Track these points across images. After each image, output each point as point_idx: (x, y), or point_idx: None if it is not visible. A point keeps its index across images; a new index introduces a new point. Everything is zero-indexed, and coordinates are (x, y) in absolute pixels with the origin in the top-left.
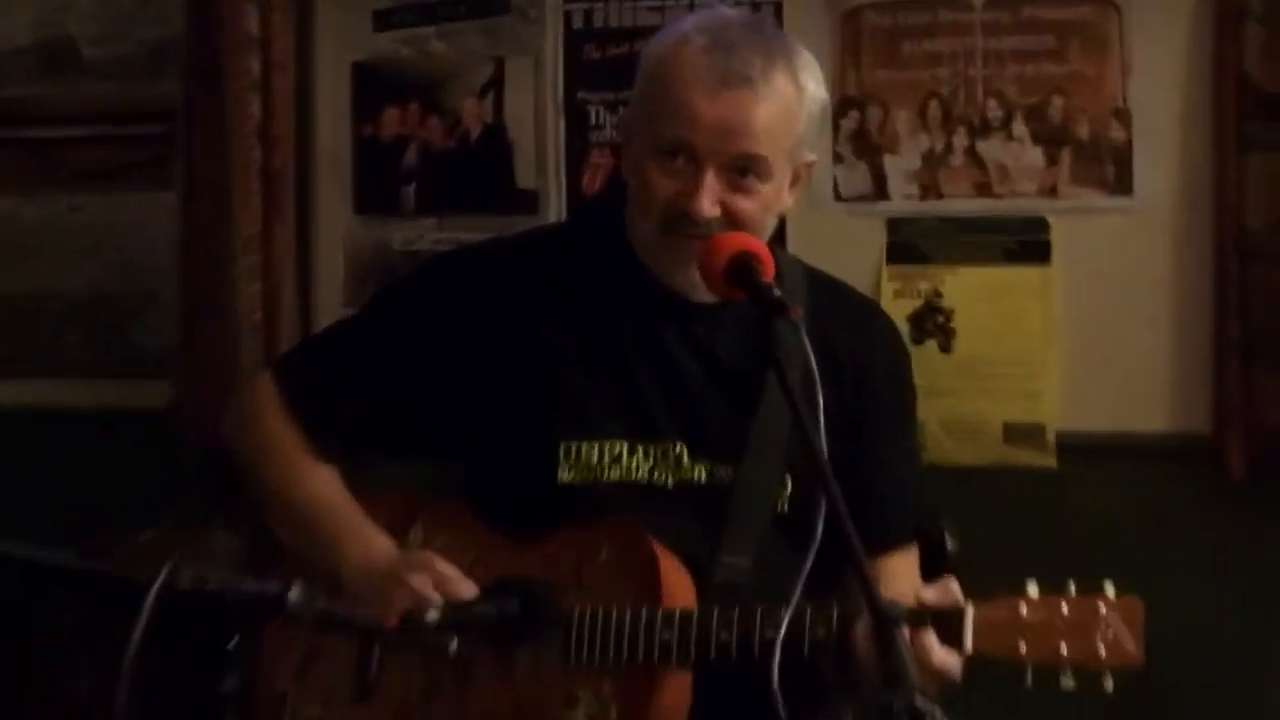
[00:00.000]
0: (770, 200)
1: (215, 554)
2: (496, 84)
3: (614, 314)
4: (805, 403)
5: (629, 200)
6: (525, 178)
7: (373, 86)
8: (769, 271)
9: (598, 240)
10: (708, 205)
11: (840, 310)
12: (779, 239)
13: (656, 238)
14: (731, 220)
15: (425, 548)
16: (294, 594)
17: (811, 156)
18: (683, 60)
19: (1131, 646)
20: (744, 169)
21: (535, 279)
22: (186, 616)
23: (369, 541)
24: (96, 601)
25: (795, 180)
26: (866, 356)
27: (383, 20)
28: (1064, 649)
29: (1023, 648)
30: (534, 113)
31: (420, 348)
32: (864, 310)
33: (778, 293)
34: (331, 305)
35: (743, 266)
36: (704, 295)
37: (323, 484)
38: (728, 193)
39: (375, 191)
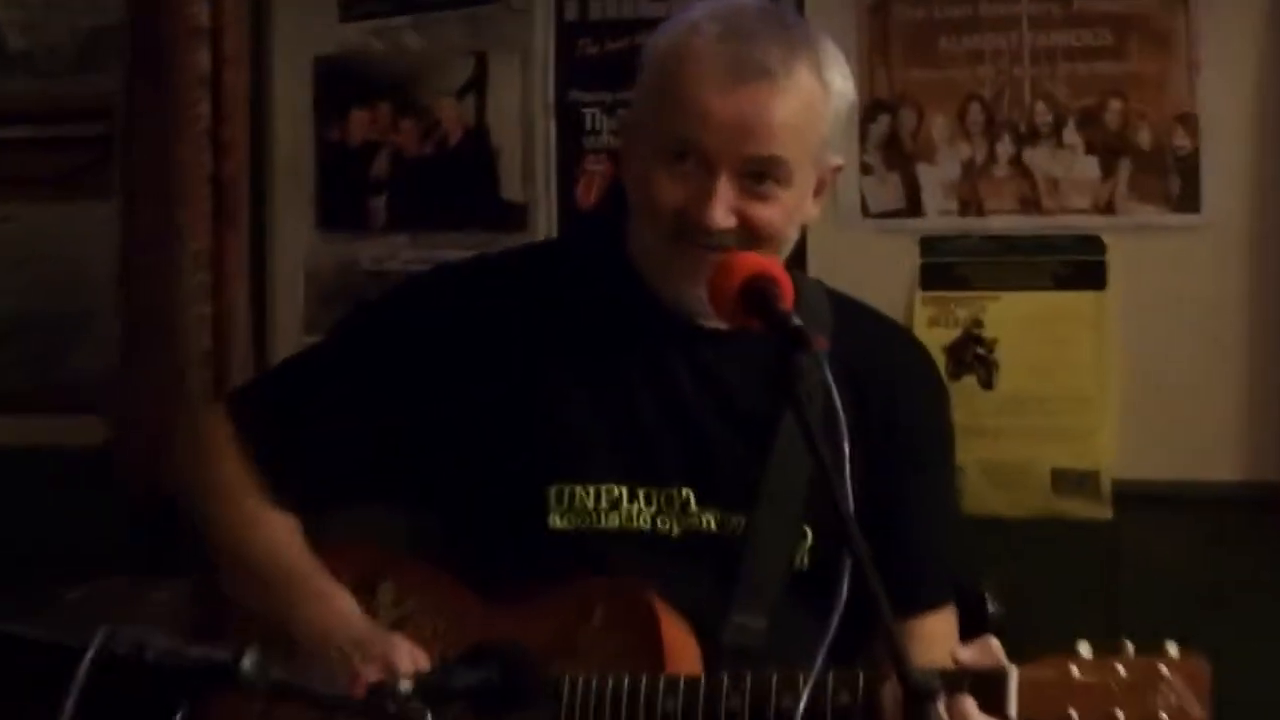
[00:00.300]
0: (792, 208)
1: (157, 613)
2: (479, 82)
3: (613, 341)
4: (827, 446)
5: (630, 210)
6: (511, 189)
7: (338, 84)
8: (788, 296)
9: (594, 257)
10: (721, 214)
11: (868, 340)
12: (798, 260)
13: (662, 248)
14: (749, 231)
15: (395, 609)
16: (246, 662)
17: (838, 160)
18: (692, 51)
19: (1196, 712)
20: (762, 173)
21: (524, 300)
22: (125, 686)
23: (329, 604)
24: (21, 669)
25: (820, 187)
26: (898, 392)
27: (350, 9)
28: (1120, 715)
29: (1074, 714)
30: (521, 115)
31: (394, 376)
32: (895, 340)
33: (798, 321)
34: (290, 332)
35: (758, 291)
36: (714, 320)
37: (281, 535)
38: (744, 200)
39: (341, 203)
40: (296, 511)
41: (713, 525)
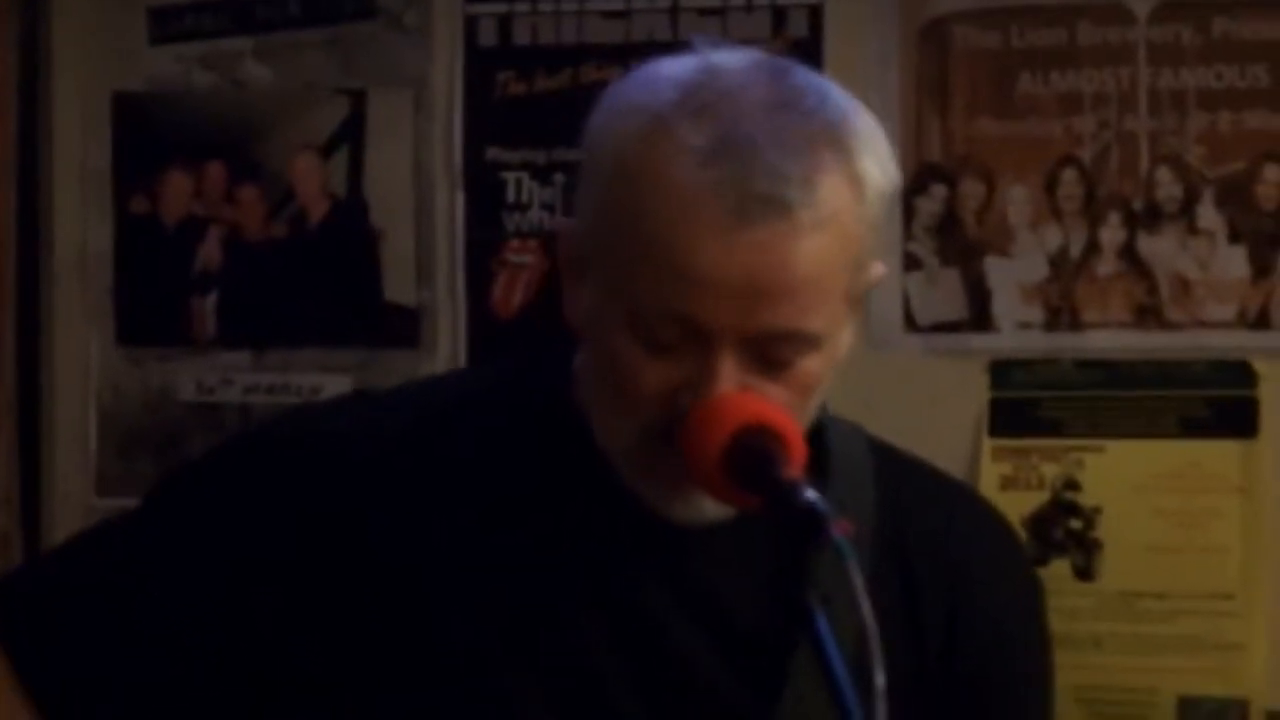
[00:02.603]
0: (821, 373)
1: None
2: (353, 134)
3: (547, 534)
4: (858, 678)
5: (582, 359)
6: (399, 288)
7: (147, 134)
8: (795, 457)
9: (527, 408)
10: None
11: (929, 516)
12: None
13: (641, 448)
14: None
15: None
16: None
17: (878, 269)
18: (669, 177)
19: None
20: (778, 345)
21: (422, 475)
22: None
23: None
24: None
25: (854, 307)
26: (970, 594)
27: (164, 25)
28: None
29: None
30: (414, 181)
31: (230, 587)
32: (970, 517)
33: (811, 495)
34: (75, 494)
35: (752, 452)
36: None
37: None
38: (753, 374)
39: (151, 307)
40: None
41: None
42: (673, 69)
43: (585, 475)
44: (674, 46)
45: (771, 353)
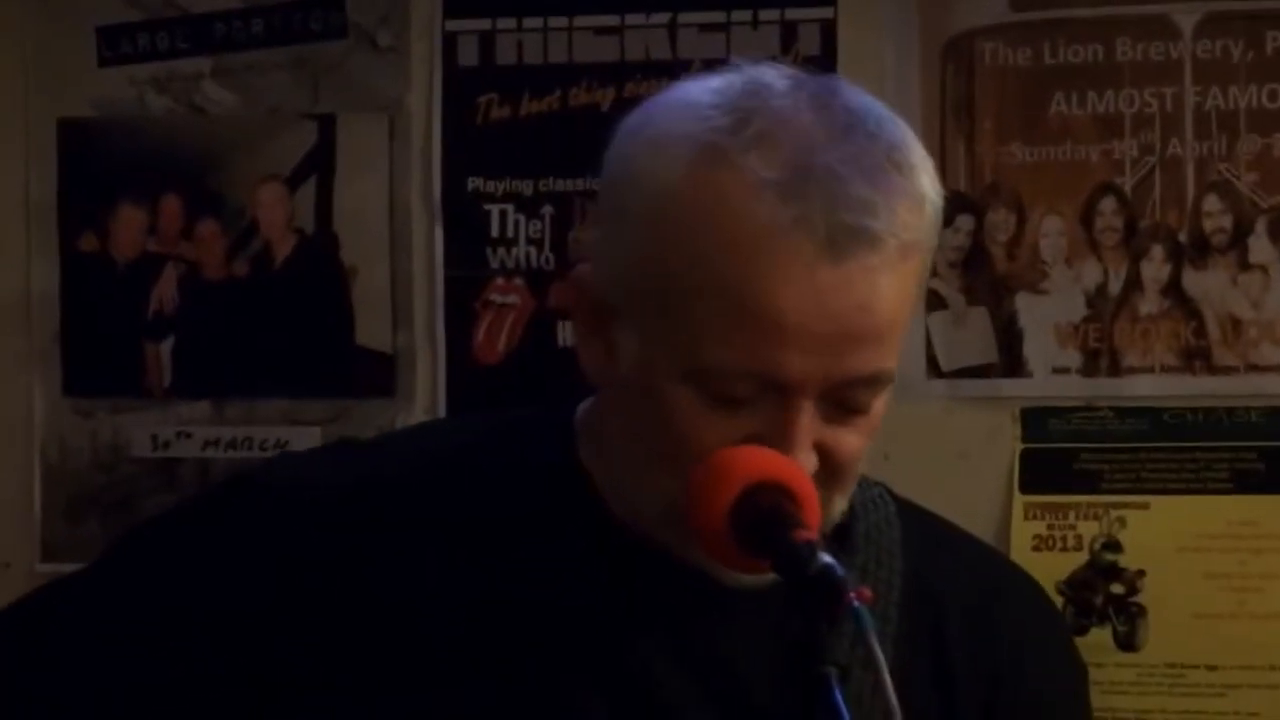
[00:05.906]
0: (880, 418)
1: None
2: (322, 163)
3: (553, 606)
4: None
5: (593, 413)
6: (373, 332)
7: (96, 164)
8: (810, 518)
9: (526, 465)
10: (805, 458)
11: (966, 590)
12: None
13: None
14: (831, 468)
15: None
16: None
17: None
18: (745, 215)
19: None
20: (858, 389)
21: (413, 530)
22: None
23: None
24: None
25: None
26: (1011, 675)
27: (114, 44)
28: None
29: None
30: (389, 215)
31: (190, 652)
32: (1010, 592)
33: (827, 559)
34: (19, 561)
35: (761, 511)
36: (714, 566)
37: None
38: (830, 424)
39: (101, 354)
40: None
41: None
42: (707, 90)
43: (589, 537)
44: (672, 66)
45: (851, 399)
